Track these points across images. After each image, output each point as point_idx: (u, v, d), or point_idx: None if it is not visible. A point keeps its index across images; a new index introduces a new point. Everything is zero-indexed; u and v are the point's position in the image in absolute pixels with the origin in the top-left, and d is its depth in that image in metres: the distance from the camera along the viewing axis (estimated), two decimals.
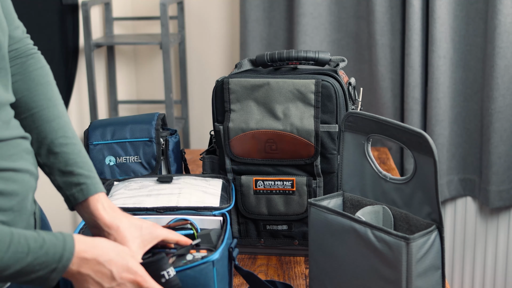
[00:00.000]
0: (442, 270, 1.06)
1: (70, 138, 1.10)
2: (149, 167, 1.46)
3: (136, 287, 0.98)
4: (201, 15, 2.84)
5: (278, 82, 1.38)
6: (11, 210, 1.01)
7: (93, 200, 1.07)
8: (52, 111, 1.11)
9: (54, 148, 1.08)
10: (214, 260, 1.05)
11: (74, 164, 1.08)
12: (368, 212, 1.14)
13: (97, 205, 1.07)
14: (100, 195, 1.08)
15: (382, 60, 2.52)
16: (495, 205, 2.53)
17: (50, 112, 1.10)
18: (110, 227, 1.06)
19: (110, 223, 1.06)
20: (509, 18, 2.35)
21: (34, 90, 1.11)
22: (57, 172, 1.08)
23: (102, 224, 1.06)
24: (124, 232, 1.05)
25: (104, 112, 2.78)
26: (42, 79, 1.13)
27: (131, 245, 1.04)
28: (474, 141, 2.57)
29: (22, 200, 1.03)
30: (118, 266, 0.98)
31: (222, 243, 1.09)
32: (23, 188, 1.02)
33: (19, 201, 1.02)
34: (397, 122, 1.08)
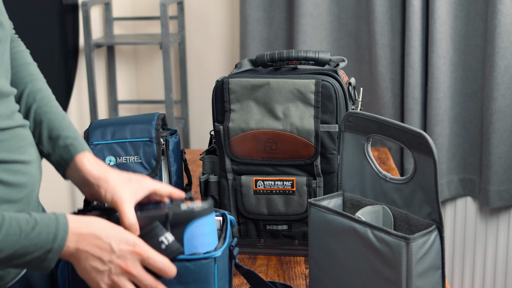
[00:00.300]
0: (442, 270, 1.06)
1: (53, 106, 1.14)
2: (149, 167, 1.46)
3: (136, 257, 0.97)
4: (201, 15, 2.84)
5: (278, 82, 1.38)
6: (20, 202, 1.02)
7: (79, 158, 1.09)
8: (35, 84, 1.14)
9: (39, 117, 1.11)
10: (216, 257, 1.05)
11: (58, 129, 1.11)
12: (368, 212, 1.14)
13: (84, 161, 1.09)
14: (85, 153, 1.10)
15: (382, 60, 2.52)
16: (495, 205, 2.53)
17: (34, 85, 1.14)
18: (99, 179, 1.06)
19: (99, 175, 1.07)
20: (509, 18, 2.35)
21: (18, 68, 1.14)
22: (45, 140, 1.11)
23: (91, 177, 1.07)
24: (114, 182, 1.05)
25: (104, 112, 2.78)
26: (24, 59, 1.17)
27: (122, 194, 1.03)
28: (474, 141, 2.57)
29: (31, 192, 1.05)
30: (116, 239, 0.97)
31: (224, 242, 1.09)
32: (31, 180, 1.04)
33: (28, 192, 1.04)
34: (397, 122, 1.08)
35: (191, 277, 1.04)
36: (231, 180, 1.43)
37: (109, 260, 0.96)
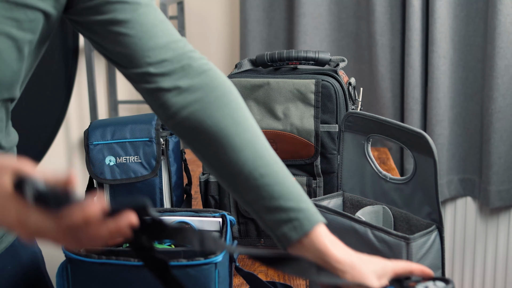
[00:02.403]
0: (442, 270, 1.06)
1: (271, 165, 0.95)
2: (149, 167, 1.46)
3: None
4: (201, 15, 2.84)
5: (278, 82, 1.38)
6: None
7: (313, 236, 0.92)
8: (244, 136, 0.96)
9: (254, 181, 0.93)
10: (217, 262, 1.05)
11: (281, 197, 0.92)
12: (368, 212, 1.14)
13: (320, 239, 0.91)
14: (319, 228, 0.92)
15: (382, 60, 2.52)
16: (495, 205, 2.53)
17: (242, 137, 0.96)
18: (343, 263, 0.90)
19: (342, 258, 0.91)
20: (509, 18, 2.35)
21: (216, 114, 0.96)
22: (263, 210, 0.93)
23: (333, 260, 0.90)
24: (360, 267, 0.90)
25: (104, 112, 2.78)
26: (224, 99, 0.98)
27: (370, 281, 0.90)
28: (474, 141, 2.57)
29: None
30: None
31: None
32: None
33: None
34: (397, 122, 1.08)
35: (191, 282, 1.04)
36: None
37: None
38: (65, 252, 1.07)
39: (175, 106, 0.97)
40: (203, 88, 0.98)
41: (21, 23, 0.90)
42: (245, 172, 0.93)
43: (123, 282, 1.05)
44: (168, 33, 0.99)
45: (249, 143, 0.95)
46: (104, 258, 1.05)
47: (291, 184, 0.94)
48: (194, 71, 0.98)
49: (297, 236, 0.91)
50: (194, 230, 0.84)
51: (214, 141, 0.95)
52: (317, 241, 0.91)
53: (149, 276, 1.04)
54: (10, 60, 0.91)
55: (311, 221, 0.92)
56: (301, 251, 0.92)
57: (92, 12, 0.96)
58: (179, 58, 0.98)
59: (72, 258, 1.06)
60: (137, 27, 0.96)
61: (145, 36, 0.96)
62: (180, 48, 0.99)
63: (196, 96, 0.97)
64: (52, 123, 2.29)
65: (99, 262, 1.05)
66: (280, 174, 0.94)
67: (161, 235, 0.82)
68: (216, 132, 0.95)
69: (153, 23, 0.97)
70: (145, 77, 0.97)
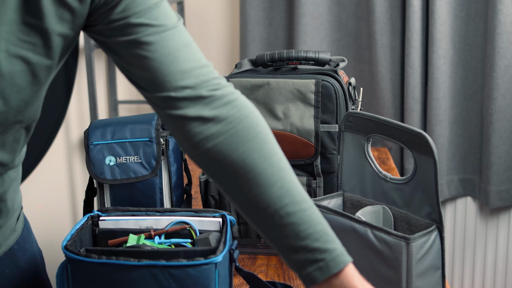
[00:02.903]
0: (442, 270, 1.06)
1: (298, 203, 0.91)
2: (149, 167, 1.46)
3: None
4: (201, 15, 2.84)
5: (278, 82, 1.38)
6: None
7: (341, 277, 0.89)
8: (271, 171, 0.91)
9: (280, 220, 0.90)
10: (217, 263, 1.05)
11: (307, 237, 0.89)
12: (368, 212, 1.14)
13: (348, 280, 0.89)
14: (346, 268, 0.89)
15: (382, 60, 2.52)
16: (495, 205, 2.53)
17: (268, 173, 0.91)
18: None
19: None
20: (509, 18, 2.35)
21: (242, 148, 0.92)
22: (287, 249, 0.91)
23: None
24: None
25: (104, 112, 2.78)
26: (251, 131, 0.93)
27: None
28: (474, 141, 2.57)
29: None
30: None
31: (225, 246, 1.09)
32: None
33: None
34: (397, 122, 1.08)
35: (191, 282, 1.04)
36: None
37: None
38: (65, 252, 1.07)
39: (198, 136, 0.93)
40: (229, 119, 0.93)
41: (37, 47, 0.86)
42: (271, 210, 0.90)
43: (123, 282, 1.05)
44: (193, 58, 0.94)
45: (277, 179, 0.91)
46: (104, 258, 1.05)
47: (318, 223, 0.90)
48: (219, 100, 0.93)
49: (322, 277, 0.88)
50: None
51: (239, 175, 0.91)
52: (345, 282, 0.89)
53: (149, 276, 1.04)
54: (24, 84, 0.88)
55: (337, 262, 0.89)
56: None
57: (113, 33, 0.92)
58: (203, 85, 0.93)
59: (72, 258, 1.06)
60: (159, 51, 0.91)
61: (166, 60, 0.91)
62: (203, 75, 0.94)
63: (221, 127, 0.92)
64: (52, 123, 2.29)
65: (99, 262, 1.05)
66: (307, 212, 0.90)
67: None
68: (242, 167, 0.91)
69: (177, 46, 0.93)
70: (167, 101, 0.93)
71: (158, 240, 1.18)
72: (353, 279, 0.88)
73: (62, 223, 2.41)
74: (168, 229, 1.20)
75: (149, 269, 1.04)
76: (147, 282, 1.04)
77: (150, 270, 1.04)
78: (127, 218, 1.24)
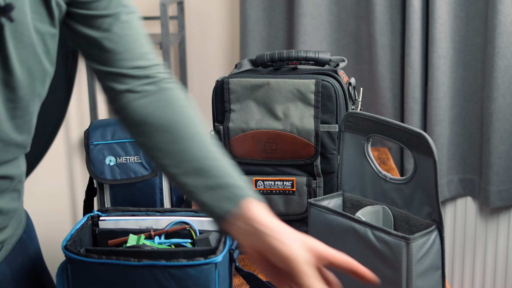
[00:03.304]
0: (442, 270, 1.06)
1: (213, 152, 1.00)
2: (149, 167, 1.46)
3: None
4: (201, 15, 2.84)
5: (278, 82, 1.38)
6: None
7: (245, 204, 0.94)
8: (191, 129, 1.03)
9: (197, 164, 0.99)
10: (217, 263, 1.05)
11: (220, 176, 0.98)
12: (368, 212, 1.14)
13: (251, 206, 0.94)
14: (251, 199, 0.95)
15: (382, 60, 2.52)
16: (495, 205, 2.53)
17: (189, 130, 1.03)
18: (269, 227, 0.92)
19: (269, 223, 0.92)
20: (509, 18, 2.35)
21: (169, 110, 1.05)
22: (203, 189, 0.97)
23: (259, 224, 0.92)
24: (287, 234, 0.92)
25: (104, 112, 2.78)
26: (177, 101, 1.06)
27: (295, 247, 0.90)
28: (474, 141, 2.57)
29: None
30: None
31: (225, 246, 1.09)
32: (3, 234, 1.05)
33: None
34: (397, 122, 1.08)
35: (191, 282, 1.04)
36: None
37: None
38: (65, 252, 1.07)
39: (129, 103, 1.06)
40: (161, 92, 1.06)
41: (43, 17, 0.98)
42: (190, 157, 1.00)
43: (123, 282, 1.05)
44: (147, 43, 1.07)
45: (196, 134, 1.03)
46: (104, 258, 1.05)
47: (231, 168, 0.99)
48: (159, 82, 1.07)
49: (232, 207, 0.94)
50: None
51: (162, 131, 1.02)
52: (246, 209, 0.93)
53: (149, 276, 1.04)
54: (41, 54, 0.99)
55: (245, 192, 0.96)
56: (232, 226, 0.95)
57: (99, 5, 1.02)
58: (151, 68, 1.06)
59: (72, 258, 1.06)
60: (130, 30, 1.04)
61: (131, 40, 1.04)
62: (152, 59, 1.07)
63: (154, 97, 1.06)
64: (52, 123, 2.29)
65: (99, 262, 1.05)
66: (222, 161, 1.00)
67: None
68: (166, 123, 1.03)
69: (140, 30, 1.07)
70: (117, 76, 1.05)
71: (158, 240, 1.18)
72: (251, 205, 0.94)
73: (62, 223, 2.41)
74: (168, 229, 1.20)
75: (149, 269, 1.04)
76: (147, 282, 1.05)
77: (150, 270, 1.04)
78: (127, 218, 1.24)
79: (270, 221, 0.92)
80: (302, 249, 0.89)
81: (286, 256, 0.89)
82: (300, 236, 0.92)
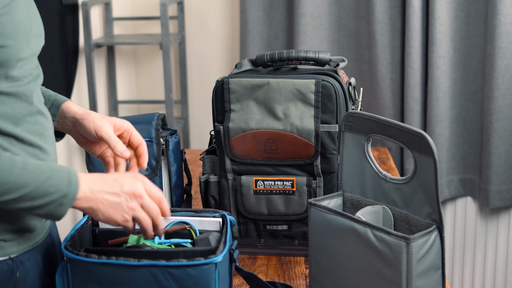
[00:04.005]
0: (442, 270, 1.06)
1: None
2: (149, 167, 1.46)
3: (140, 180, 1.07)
4: (201, 15, 2.84)
5: (278, 82, 1.38)
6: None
7: (66, 104, 1.23)
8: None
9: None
10: (217, 263, 1.05)
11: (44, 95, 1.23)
12: (368, 212, 1.14)
13: (70, 105, 1.23)
14: (69, 101, 1.24)
15: (382, 60, 2.52)
16: (495, 205, 2.53)
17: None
18: (83, 114, 1.20)
19: (83, 111, 1.22)
20: (509, 18, 2.36)
21: None
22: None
23: (78, 115, 1.21)
24: (95, 114, 1.20)
25: (104, 112, 2.78)
26: None
27: (102, 122, 1.18)
28: (474, 141, 2.57)
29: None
30: (118, 174, 1.07)
31: (225, 246, 1.09)
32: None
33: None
34: (397, 122, 1.08)
35: (191, 282, 1.04)
36: (231, 180, 1.43)
37: (120, 190, 1.04)
38: (65, 252, 1.07)
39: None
40: None
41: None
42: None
43: (123, 282, 1.05)
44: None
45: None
46: (104, 258, 1.05)
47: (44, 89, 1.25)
48: None
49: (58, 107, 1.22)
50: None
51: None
52: (67, 107, 1.22)
53: (149, 276, 1.04)
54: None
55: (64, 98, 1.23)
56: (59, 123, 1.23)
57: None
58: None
59: (72, 258, 1.06)
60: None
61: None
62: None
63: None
64: None
65: (99, 262, 1.05)
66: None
67: None
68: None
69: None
70: None
71: (158, 240, 1.18)
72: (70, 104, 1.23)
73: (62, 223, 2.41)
74: (168, 229, 1.20)
75: (149, 269, 1.04)
76: (147, 282, 1.05)
77: (150, 270, 1.04)
78: None
79: (82, 110, 1.22)
80: (106, 124, 1.19)
81: (95, 129, 1.18)
82: (105, 116, 1.22)
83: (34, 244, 1.10)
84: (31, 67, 1.07)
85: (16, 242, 1.07)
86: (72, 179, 1.01)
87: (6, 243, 1.06)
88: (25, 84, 1.06)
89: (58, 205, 1.00)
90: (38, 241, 1.12)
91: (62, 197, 1.00)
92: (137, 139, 1.21)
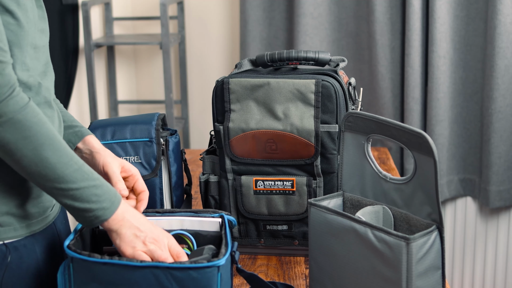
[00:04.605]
0: (442, 270, 1.07)
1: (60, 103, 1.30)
2: (149, 167, 1.46)
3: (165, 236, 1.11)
4: (201, 15, 2.84)
5: (278, 82, 1.38)
6: None
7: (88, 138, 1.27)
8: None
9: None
10: (219, 266, 1.05)
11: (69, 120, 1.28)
12: (368, 212, 1.14)
13: (91, 139, 1.27)
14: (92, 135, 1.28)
15: (382, 60, 2.52)
16: (495, 205, 2.53)
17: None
18: (99, 149, 1.26)
19: (100, 147, 1.27)
20: (509, 18, 2.36)
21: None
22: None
23: (95, 149, 1.25)
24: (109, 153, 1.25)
25: (104, 112, 2.78)
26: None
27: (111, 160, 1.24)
28: (474, 141, 2.57)
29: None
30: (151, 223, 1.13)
31: (227, 250, 1.09)
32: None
33: None
34: (397, 122, 1.08)
35: (193, 284, 1.04)
36: (231, 180, 1.43)
37: (145, 229, 1.09)
38: (68, 252, 1.07)
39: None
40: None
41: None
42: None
43: (125, 282, 1.05)
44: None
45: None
46: (106, 258, 1.05)
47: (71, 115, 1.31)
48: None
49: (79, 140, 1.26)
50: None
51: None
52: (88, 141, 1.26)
53: (151, 277, 1.04)
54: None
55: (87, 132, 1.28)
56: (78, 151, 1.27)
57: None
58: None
59: (75, 257, 1.06)
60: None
61: None
62: None
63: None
64: None
65: (101, 261, 1.05)
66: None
67: None
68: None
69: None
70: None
71: None
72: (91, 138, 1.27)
73: None
74: None
75: (152, 270, 1.04)
76: (149, 283, 1.05)
77: (153, 271, 1.04)
78: None
79: (99, 146, 1.27)
80: (115, 162, 1.24)
81: (104, 164, 1.23)
82: (117, 157, 1.27)
83: (31, 232, 1.11)
84: (44, 57, 1.12)
85: (13, 228, 1.09)
86: (116, 198, 1.08)
87: (2, 228, 1.07)
88: (37, 75, 1.09)
89: (94, 217, 1.05)
90: (36, 229, 1.13)
91: (101, 209, 1.05)
92: (141, 186, 1.26)
